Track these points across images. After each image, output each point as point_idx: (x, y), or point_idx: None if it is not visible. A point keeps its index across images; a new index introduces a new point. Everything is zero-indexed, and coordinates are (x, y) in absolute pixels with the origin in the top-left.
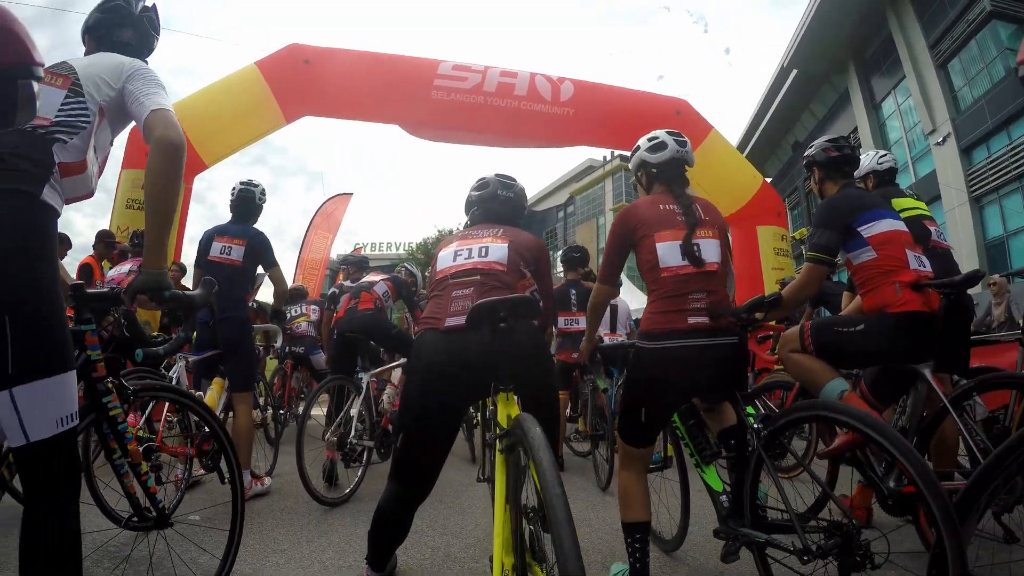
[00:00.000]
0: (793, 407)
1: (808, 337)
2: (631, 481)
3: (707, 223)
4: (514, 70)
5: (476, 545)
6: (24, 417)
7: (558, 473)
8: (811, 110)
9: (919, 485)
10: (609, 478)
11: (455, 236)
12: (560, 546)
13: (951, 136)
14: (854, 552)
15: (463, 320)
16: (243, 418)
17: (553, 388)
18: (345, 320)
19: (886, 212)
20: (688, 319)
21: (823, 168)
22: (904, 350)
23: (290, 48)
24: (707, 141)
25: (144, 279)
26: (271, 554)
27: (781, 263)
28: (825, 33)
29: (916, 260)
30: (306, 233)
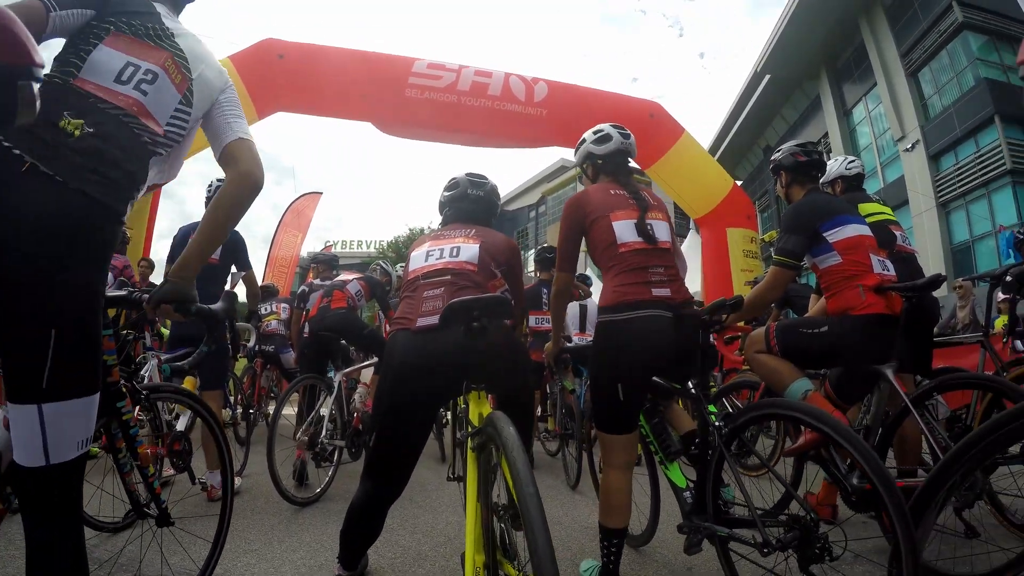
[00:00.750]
0: (752, 405)
1: (774, 338)
2: (616, 484)
3: (656, 207)
4: (489, 70)
5: (447, 544)
6: (49, 437)
7: (532, 473)
8: (783, 115)
9: (873, 480)
10: (578, 477)
11: (427, 236)
12: (534, 546)
13: (920, 143)
14: (813, 544)
15: (435, 320)
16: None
17: (528, 387)
18: (318, 319)
19: (851, 218)
20: (652, 291)
21: (790, 172)
22: (867, 351)
23: (264, 43)
24: (679, 144)
25: (170, 288)
26: (242, 554)
27: (750, 265)
28: (799, 40)
29: (880, 264)
30: (276, 231)
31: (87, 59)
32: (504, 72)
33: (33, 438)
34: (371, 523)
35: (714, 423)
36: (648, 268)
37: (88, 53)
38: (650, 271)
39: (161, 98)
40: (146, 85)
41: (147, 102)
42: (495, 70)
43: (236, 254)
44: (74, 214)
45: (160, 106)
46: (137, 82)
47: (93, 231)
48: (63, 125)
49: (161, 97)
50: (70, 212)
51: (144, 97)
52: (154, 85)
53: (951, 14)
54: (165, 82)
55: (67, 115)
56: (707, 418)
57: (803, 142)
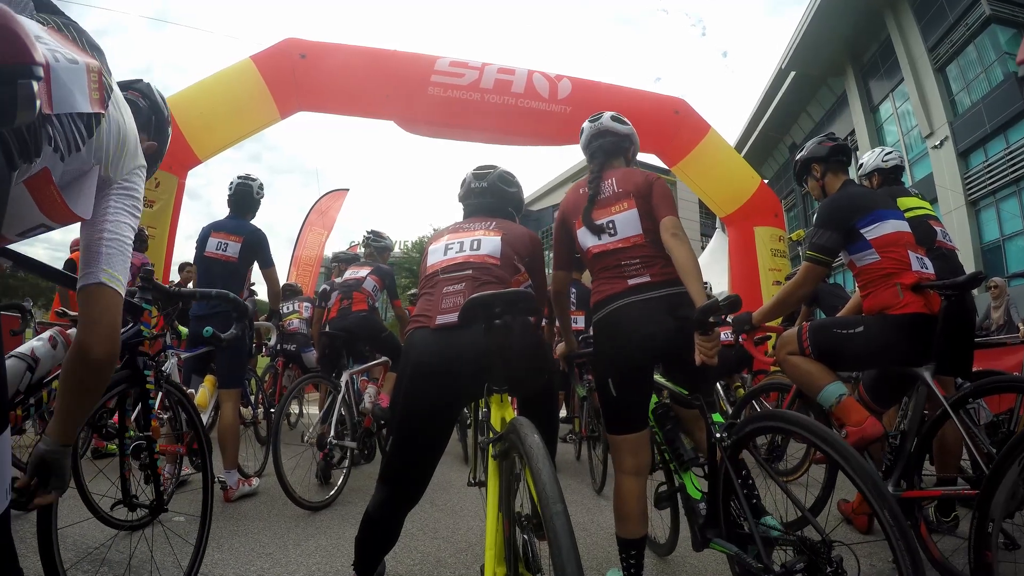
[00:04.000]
0: (753, 416)
1: (806, 339)
2: (627, 491)
3: (621, 195)
4: (512, 67)
5: (467, 550)
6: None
7: (559, 487)
8: (808, 112)
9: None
10: (603, 480)
11: (446, 229)
12: (562, 569)
13: (948, 139)
14: (822, 570)
15: (455, 317)
16: (229, 415)
17: (552, 390)
18: (338, 320)
19: (890, 213)
20: (628, 281)
21: (823, 162)
22: (904, 352)
23: (286, 42)
24: (705, 141)
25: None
26: (256, 558)
27: (778, 264)
28: (823, 35)
29: (918, 262)
30: (301, 230)
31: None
32: (527, 69)
33: None
34: (387, 531)
35: (715, 434)
36: (621, 264)
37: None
38: (623, 264)
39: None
40: (61, 57)
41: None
42: (518, 67)
43: (257, 251)
44: None
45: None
46: (52, 49)
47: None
48: None
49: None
50: None
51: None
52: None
53: (978, 7)
54: (81, 76)
55: None
56: (711, 428)
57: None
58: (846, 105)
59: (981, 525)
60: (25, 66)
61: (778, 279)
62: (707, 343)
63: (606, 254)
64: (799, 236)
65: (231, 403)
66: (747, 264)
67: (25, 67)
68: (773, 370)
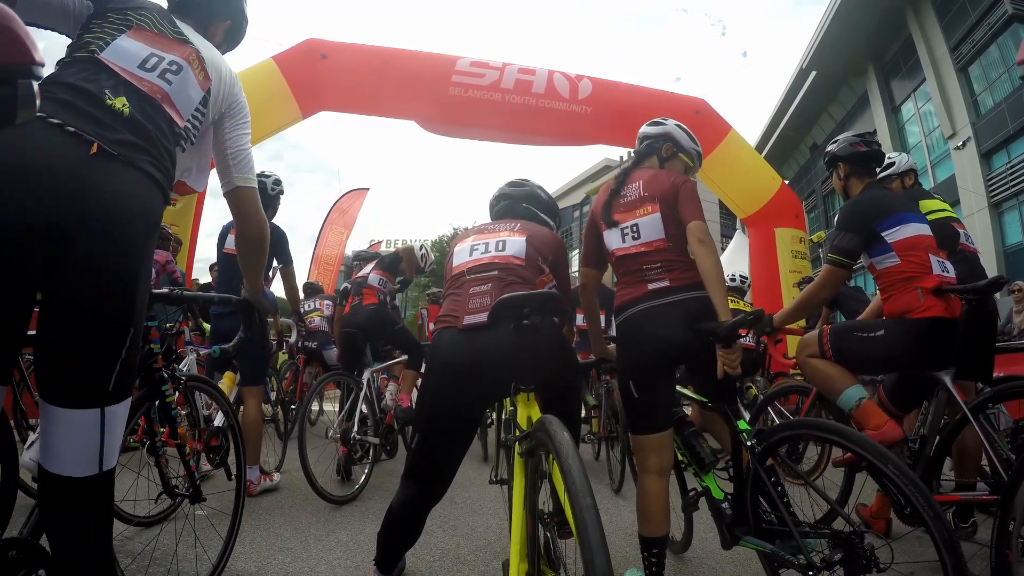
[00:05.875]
0: (785, 424)
1: (827, 342)
2: (650, 490)
3: (647, 198)
4: (532, 67)
5: (487, 548)
6: (106, 442)
7: (588, 482)
8: (829, 112)
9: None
10: (621, 481)
11: (471, 230)
12: (591, 563)
13: (971, 140)
14: (859, 560)
15: (482, 318)
16: (252, 412)
17: (576, 390)
18: (350, 316)
19: (911, 216)
20: (648, 285)
21: (848, 164)
22: (924, 357)
23: (307, 43)
24: (726, 141)
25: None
26: (277, 552)
27: (798, 266)
28: (844, 35)
29: (939, 265)
30: (321, 229)
31: (110, 44)
32: (548, 69)
33: (90, 445)
34: (411, 526)
35: (745, 442)
36: (642, 268)
37: (112, 38)
38: (644, 268)
39: (185, 90)
40: (171, 75)
41: (171, 92)
42: (539, 67)
43: (275, 248)
44: (141, 194)
45: (183, 99)
46: (162, 71)
47: (152, 213)
48: (109, 104)
49: (185, 89)
50: (138, 192)
51: (168, 87)
52: (178, 76)
53: (1000, 6)
54: (189, 75)
55: (107, 93)
56: (738, 435)
57: (860, 132)
58: (867, 105)
59: (1003, 524)
60: (25, 66)
61: (798, 281)
62: (730, 355)
63: (628, 257)
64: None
65: (254, 400)
66: (767, 266)
67: (25, 67)
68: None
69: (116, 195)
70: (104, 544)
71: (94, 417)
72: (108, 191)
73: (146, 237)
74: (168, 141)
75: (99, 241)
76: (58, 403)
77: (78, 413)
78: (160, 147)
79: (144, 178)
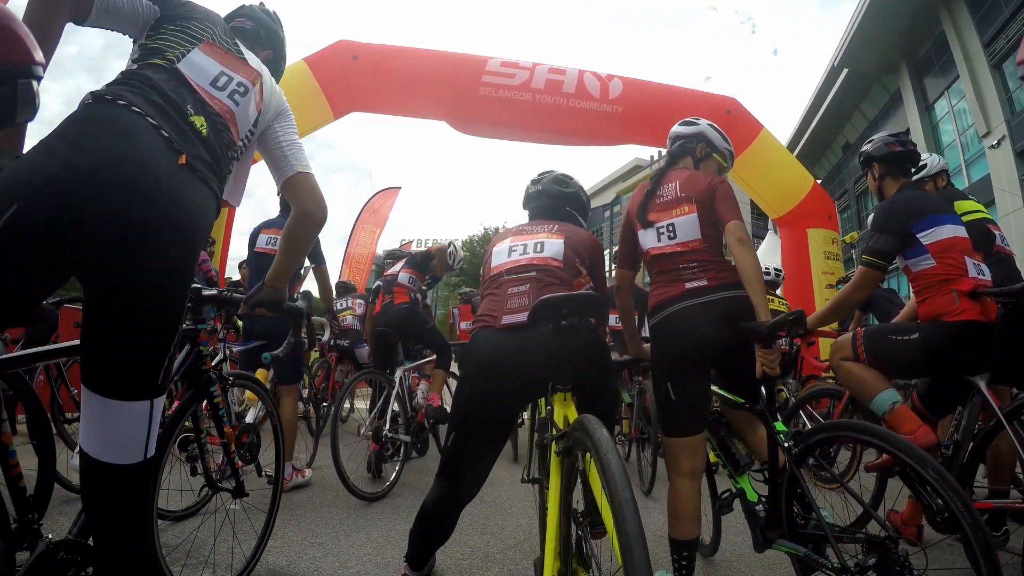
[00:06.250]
0: (823, 426)
1: (861, 345)
2: (682, 493)
3: (683, 199)
4: (562, 67)
5: (516, 547)
6: (152, 431)
7: (627, 477)
8: (862, 111)
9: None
10: (652, 482)
11: (509, 231)
12: (629, 554)
13: (1006, 139)
14: (892, 566)
15: (521, 317)
16: (288, 410)
17: (612, 390)
18: (381, 315)
19: (947, 217)
20: (685, 285)
21: (883, 164)
22: (959, 360)
23: (338, 44)
24: (757, 141)
25: (268, 294)
26: (308, 547)
27: (831, 267)
28: (876, 32)
29: (975, 268)
30: (353, 228)
31: (185, 56)
32: (578, 69)
33: (138, 434)
34: (444, 524)
35: (782, 443)
36: (678, 267)
37: (186, 50)
38: (680, 267)
39: (245, 112)
40: (238, 96)
41: (237, 113)
42: (569, 67)
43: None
44: (208, 210)
45: (244, 119)
46: (231, 92)
47: (210, 227)
48: (191, 120)
49: (246, 111)
50: (206, 208)
51: (236, 108)
52: (244, 98)
53: None
54: (251, 98)
55: (190, 109)
56: (775, 437)
57: (896, 132)
58: (900, 103)
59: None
60: (25, 66)
61: (831, 282)
62: (769, 355)
63: (664, 257)
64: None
65: (291, 398)
66: (800, 267)
67: (25, 67)
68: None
69: (192, 209)
70: (146, 533)
71: (145, 409)
72: (188, 205)
73: (201, 248)
74: (227, 160)
75: (171, 250)
76: (113, 396)
77: (133, 405)
78: (223, 166)
79: (211, 195)
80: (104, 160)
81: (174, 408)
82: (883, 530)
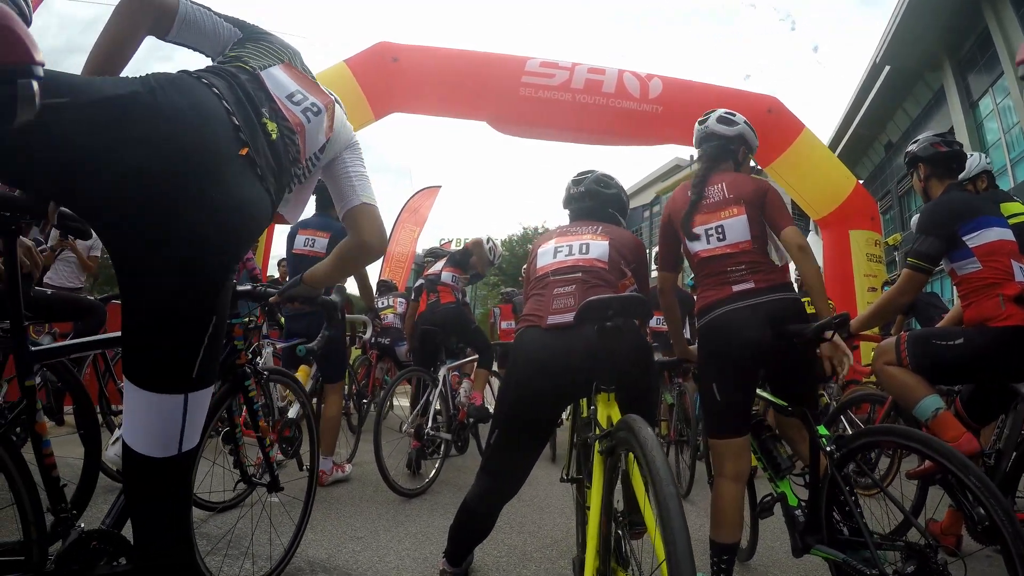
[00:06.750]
0: (865, 430)
1: (904, 349)
2: (725, 496)
3: (731, 200)
4: (602, 67)
5: (553, 545)
6: (187, 426)
7: (672, 473)
8: (904, 109)
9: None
10: (690, 485)
11: (553, 232)
12: (672, 543)
13: None
14: (932, 575)
15: (567, 318)
16: (334, 408)
17: (655, 391)
18: (427, 314)
19: (994, 219)
20: (732, 287)
21: (928, 165)
22: (1004, 367)
23: (378, 46)
24: (799, 140)
25: (304, 290)
26: (348, 541)
27: (874, 270)
28: (918, 28)
29: (1021, 272)
30: (393, 227)
31: (267, 68)
32: (618, 69)
33: (172, 428)
34: (484, 521)
35: (825, 447)
36: (727, 270)
37: (269, 64)
38: (729, 270)
39: (315, 133)
40: (311, 115)
41: (308, 129)
42: (608, 67)
43: None
44: (261, 216)
45: (312, 140)
46: (304, 109)
47: (260, 229)
48: (263, 122)
49: (316, 132)
50: (262, 213)
51: (307, 123)
52: (316, 118)
53: None
54: (323, 121)
55: (264, 112)
56: (817, 440)
57: (941, 132)
58: (944, 101)
59: None
60: (25, 66)
61: (873, 285)
62: (838, 351)
63: (713, 259)
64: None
65: (336, 396)
66: (842, 269)
67: (25, 67)
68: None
69: (240, 200)
70: (183, 526)
71: (178, 402)
72: (236, 192)
73: (247, 246)
74: (290, 173)
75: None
76: (146, 387)
77: (164, 398)
78: (284, 176)
79: (266, 196)
80: (172, 118)
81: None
82: (923, 538)
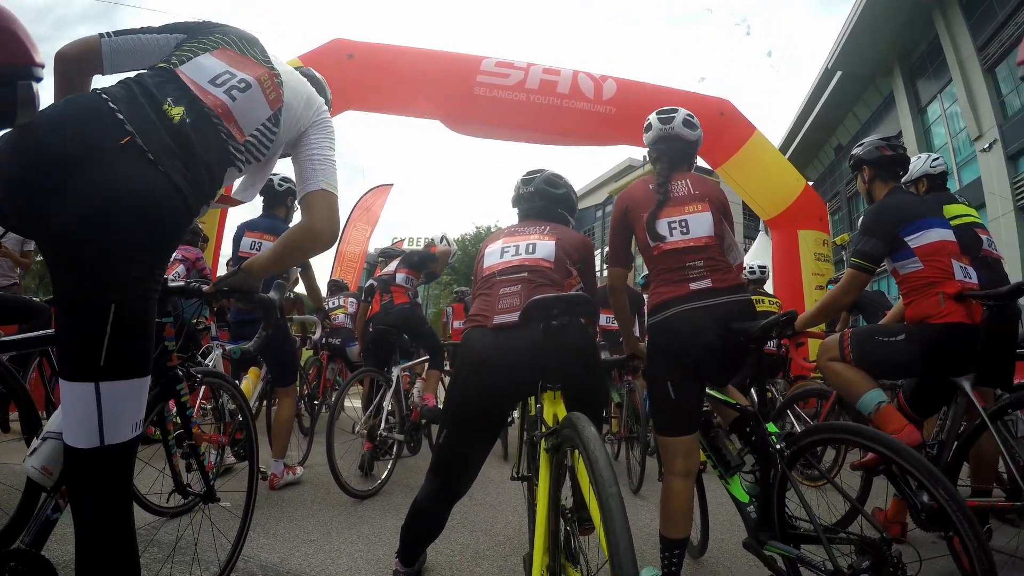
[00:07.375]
0: (815, 428)
1: (848, 346)
2: (675, 492)
3: (696, 197)
4: (557, 67)
5: (505, 543)
6: (105, 416)
7: (614, 473)
8: (855, 113)
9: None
10: (640, 481)
11: (501, 232)
12: (615, 548)
13: (997, 143)
14: (886, 567)
15: (512, 317)
16: (286, 410)
17: (601, 389)
18: (381, 314)
19: (935, 221)
20: (690, 285)
21: (873, 167)
22: (944, 362)
23: (334, 43)
24: (750, 143)
25: (241, 279)
26: (300, 544)
27: (822, 268)
28: (870, 35)
29: (961, 271)
30: (344, 226)
31: (192, 60)
32: (572, 70)
33: (88, 418)
34: (434, 521)
35: (774, 445)
36: (685, 265)
37: (196, 56)
38: (688, 266)
39: (249, 107)
40: (236, 92)
41: (233, 108)
42: (563, 68)
43: None
44: (156, 196)
45: (246, 115)
46: (229, 88)
47: (167, 218)
48: (165, 108)
49: (249, 106)
50: (153, 193)
51: (232, 103)
52: (245, 94)
53: None
54: (257, 94)
55: (170, 100)
56: (767, 439)
57: (886, 136)
58: (893, 106)
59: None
60: (25, 67)
61: (821, 284)
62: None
63: (675, 252)
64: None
65: (288, 399)
66: (790, 268)
67: (25, 68)
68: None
69: (120, 183)
70: (121, 526)
71: (89, 390)
72: (116, 178)
73: (146, 237)
74: (211, 154)
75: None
76: (63, 375)
77: (75, 385)
78: (199, 159)
79: (162, 178)
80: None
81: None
82: (876, 531)
